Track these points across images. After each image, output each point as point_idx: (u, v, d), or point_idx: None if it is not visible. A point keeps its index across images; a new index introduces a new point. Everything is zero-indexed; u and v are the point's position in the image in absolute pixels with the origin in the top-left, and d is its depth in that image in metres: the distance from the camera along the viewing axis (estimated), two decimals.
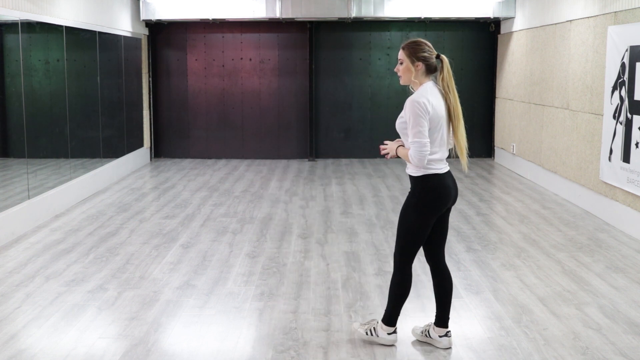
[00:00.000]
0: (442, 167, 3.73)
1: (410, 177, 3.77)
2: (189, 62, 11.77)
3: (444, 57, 3.73)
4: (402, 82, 3.81)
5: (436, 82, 3.76)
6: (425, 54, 3.70)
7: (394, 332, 3.96)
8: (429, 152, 3.59)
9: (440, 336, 3.98)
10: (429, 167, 3.67)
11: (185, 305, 4.65)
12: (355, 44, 11.74)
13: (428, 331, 4.02)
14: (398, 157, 3.82)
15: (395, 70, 3.84)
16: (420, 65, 3.70)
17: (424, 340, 4.04)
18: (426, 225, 3.74)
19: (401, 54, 3.76)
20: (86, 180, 8.42)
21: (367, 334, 3.98)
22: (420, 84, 3.72)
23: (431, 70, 3.73)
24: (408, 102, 3.62)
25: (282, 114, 11.85)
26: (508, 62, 10.72)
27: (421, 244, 3.80)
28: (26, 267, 5.52)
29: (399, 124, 3.74)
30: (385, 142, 3.91)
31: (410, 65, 3.71)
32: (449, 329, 3.99)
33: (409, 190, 3.81)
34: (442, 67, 3.71)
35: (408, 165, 3.77)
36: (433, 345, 3.97)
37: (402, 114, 3.73)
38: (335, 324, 4.30)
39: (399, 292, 3.87)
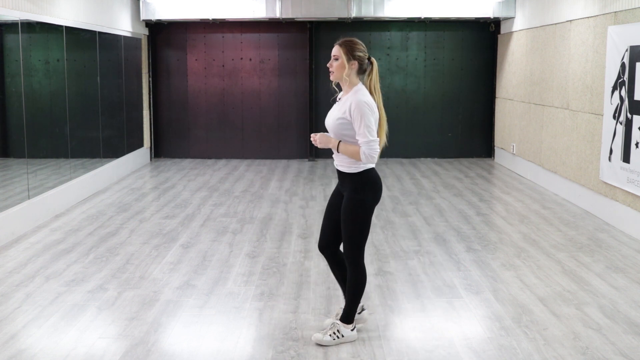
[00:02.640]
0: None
1: (347, 174, 3.82)
2: (189, 62, 11.77)
3: (374, 59, 3.88)
4: (333, 78, 3.85)
5: (363, 83, 3.85)
6: (361, 54, 3.82)
7: (355, 326, 4.05)
8: (378, 150, 3.70)
9: (358, 312, 4.17)
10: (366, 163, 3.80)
11: (185, 305, 4.65)
12: None
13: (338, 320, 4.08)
14: (326, 149, 3.83)
15: (328, 65, 3.87)
16: (355, 65, 3.80)
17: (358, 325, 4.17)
18: (371, 218, 3.87)
19: (337, 50, 3.81)
20: (86, 180, 8.43)
21: (334, 339, 3.98)
22: (351, 82, 3.80)
23: (362, 70, 3.84)
24: (354, 103, 3.68)
25: (282, 114, 11.85)
26: (508, 62, 10.72)
27: (368, 235, 3.90)
28: (26, 267, 5.52)
29: (337, 124, 3.76)
30: (314, 134, 3.88)
31: (346, 62, 3.79)
32: (361, 303, 4.18)
33: (347, 189, 3.84)
34: (372, 69, 3.85)
35: (343, 164, 3.82)
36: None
37: (337, 114, 3.76)
38: None
39: (360, 289, 3.97)
